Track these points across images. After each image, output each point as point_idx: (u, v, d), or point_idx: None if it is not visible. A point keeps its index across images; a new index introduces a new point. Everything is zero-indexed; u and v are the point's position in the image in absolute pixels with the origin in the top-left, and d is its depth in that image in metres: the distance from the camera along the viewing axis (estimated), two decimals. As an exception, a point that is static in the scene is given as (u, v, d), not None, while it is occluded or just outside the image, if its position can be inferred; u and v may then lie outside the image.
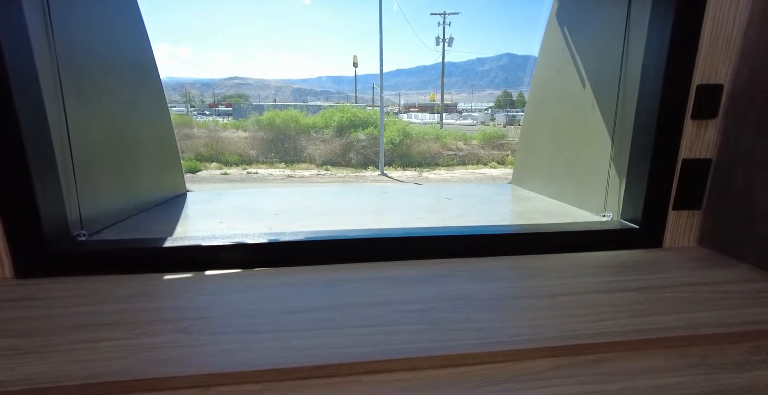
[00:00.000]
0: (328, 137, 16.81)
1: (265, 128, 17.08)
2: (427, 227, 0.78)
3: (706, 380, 0.41)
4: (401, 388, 0.38)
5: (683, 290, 0.58)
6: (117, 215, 0.83)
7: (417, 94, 59.92)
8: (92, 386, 0.38)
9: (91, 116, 0.76)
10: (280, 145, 16.79)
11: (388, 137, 16.00)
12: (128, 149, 0.90)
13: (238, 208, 1.04)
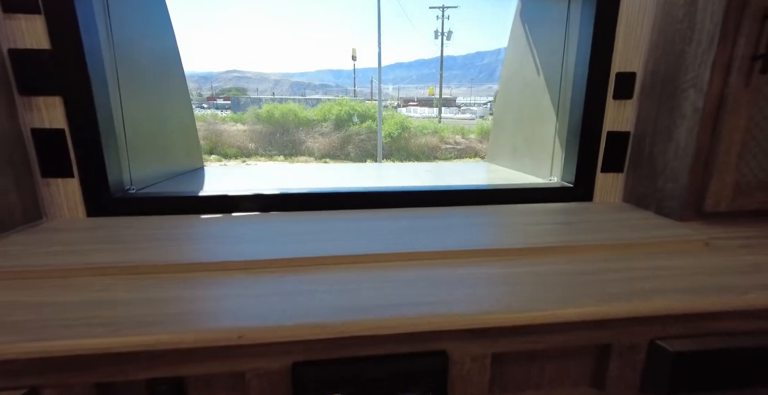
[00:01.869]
0: (326, 130, 16.94)
1: (263, 121, 17.19)
2: (407, 185, 0.97)
3: (584, 270, 0.60)
4: (368, 272, 0.57)
5: (597, 224, 0.78)
6: (155, 179, 1.02)
7: (416, 88, 60.31)
8: (170, 265, 0.57)
9: (136, 102, 0.95)
10: (279, 138, 16.92)
11: (387, 130, 16.14)
12: (161, 129, 1.09)
13: (250, 175, 1.23)
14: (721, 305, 0.51)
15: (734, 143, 0.76)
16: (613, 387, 0.53)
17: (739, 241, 0.72)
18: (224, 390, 0.48)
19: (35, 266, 0.57)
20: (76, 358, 0.43)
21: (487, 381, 0.50)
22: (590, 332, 0.50)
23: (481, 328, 0.47)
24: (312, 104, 23.35)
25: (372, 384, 0.47)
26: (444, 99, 45.01)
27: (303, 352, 0.46)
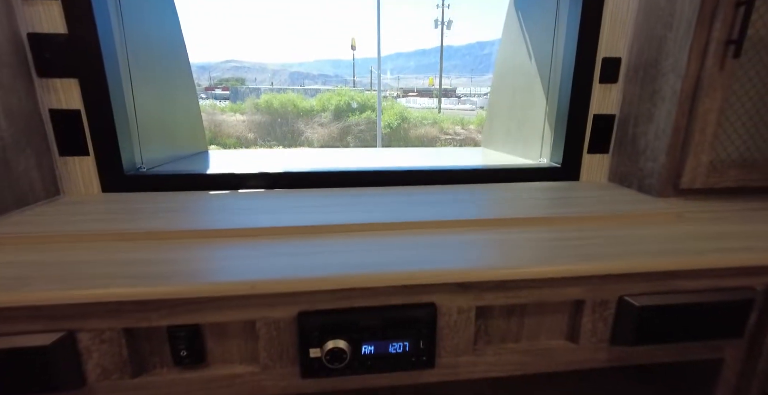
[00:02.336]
0: (325, 120, 16.90)
1: (262, 111, 17.14)
2: (404, 165, 1.02)
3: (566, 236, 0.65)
4: (367, 239, 0.63)
5: (580, 199, 0.83)
6: (162, 160, 1.07)
7: (415, 78, 60.04)
8: (184, 231, 0.63)
9: (145, 86, 0.99)
10: (278, 128, 16.88)
11: (386, 121, 16.11)
12: (168, 114, 1.13)
13: (253, 157, 1.28)
14: (681, 265, 0.56)
15: (709, 123, 0.81)
16: (585, 340, 0.59)
17: (710, 214, 0.77)
18: (236, 337, 0.54)
19: (60, 232, 0.63)
20: (107, 305, 0.48)
21: (472, 332, 0.56)
22: (565, 288, 0.56)
23: (466, 282, 0.53)
24: (311, 94, 23.23)
25: (368, 331, 0.52)
26: (444, 90, 44.72)
27: (307, 302, 0.52)
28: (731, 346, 0.63)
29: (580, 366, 0.60)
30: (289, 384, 0.54)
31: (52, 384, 0.48)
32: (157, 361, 0.53)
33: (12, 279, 0.49)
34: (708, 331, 0.60)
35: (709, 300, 0.58)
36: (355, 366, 0.53)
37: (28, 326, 0.48)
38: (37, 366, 0.47)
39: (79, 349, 0.49)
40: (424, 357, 0.55)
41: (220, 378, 0.54)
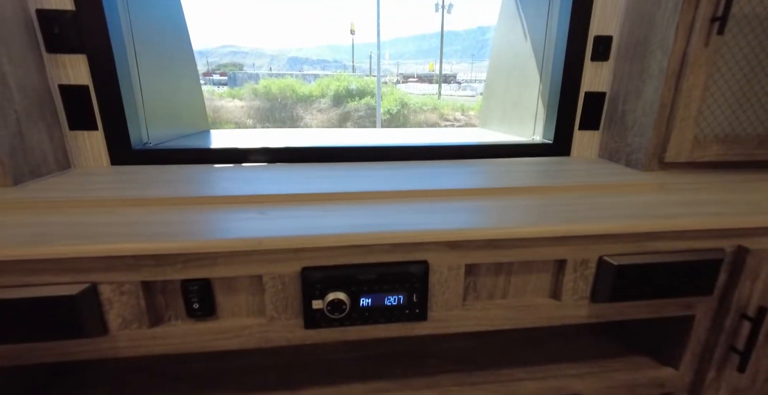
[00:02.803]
0: (324, 106, 16.78)
1: (261, 96, 16.98)
2: (402, 142, 1.06)
3: (557, 202, 0.69)
4: (366, 205, 0.67)
5: (569, 172, 0.87)
6: (167, 137, 1.10)
7: (416, 63, 59.31)
8: (192, 198, 0.67)
9: (150, 65, 1.02)
10: (277, 114, 16.76)
11: (386, 107, 16.00)
12: (172, 92, 1.16)
13: (255, 135, 1.32)
14: (656, 227, 0.61)
15: (694, 99, 0.85)
16: (568, 297, 0.64)
17: (691, 185, 0.82)
18: (244, 292, 0.58)
19: (77, 197, 0.67)
20: (126, 259, 0.53)
21: (461, 288, 0.61)
22: (549, 248, 0.61)
23: (456, 241, 0.57)
24: (309, 80, 22.97)
25: (366, 285, 0.57)
26: (444, 75, 44.18)
27: (310, 259, 0.56)
28: (702, 303, 0.68)
29: (562, 321, 0.65)
30: (293, 335, 0.59)
31: (79, 330, 0.53)
32: (172, 313, 0.58)
33: (37, 236, 0.53)
34: (681, 289, 0.65)
35: (682, 259, 0.63)
36: (354, 317, 0.58)
37: (56, 278, 0.52)
38: (65, 313, 0.52)
39: (101, 300, 0.54)
40: (417, 310, 0.59)
41: (230, 329, 0.58)
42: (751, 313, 0.66)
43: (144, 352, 0.57)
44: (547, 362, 0.77)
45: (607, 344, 0.82)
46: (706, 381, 0.72)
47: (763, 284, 0.65)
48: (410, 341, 0.82)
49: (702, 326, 0.70)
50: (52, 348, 0.55)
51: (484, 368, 0.75)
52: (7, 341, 0.53)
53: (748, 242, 0.64)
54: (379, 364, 0.75)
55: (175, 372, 0.73)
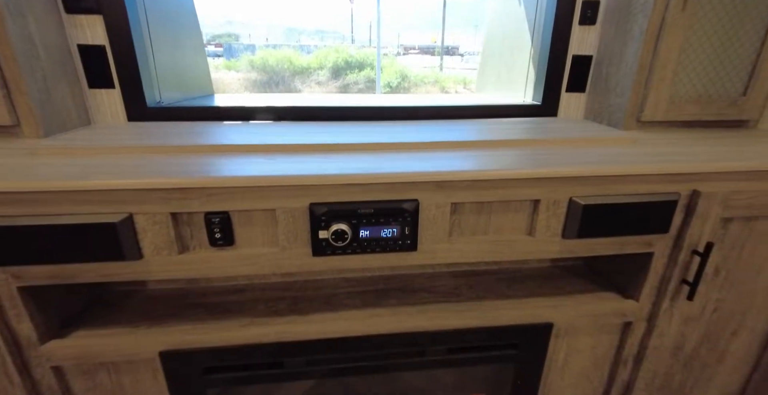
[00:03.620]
0: (323, 79, 16.50)
1: (258, 68, 16.66)
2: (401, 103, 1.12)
3: (537, 152, 0.77)
4: (365, 153, 0.75)
5: (553, 130, 0.95)
6: (177, 99, 1.17)
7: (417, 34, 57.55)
8: (207, 146, 0.75)
9: (160, 31, 1.06)
10: (275, 87, 16.51)
11: (386, 80, 15.74)
12: (180, 58, 1.21)
13: (259, 97, 1.38)
14: (619, 171, 0.69)
15: (670, 61, 0.91)
16: (541, 234, 0.73)
17: (662, 141, 0.89)
18: (259, 224, 0.67)
19: (105, 144, 0.74)
20: (157, 192, 0.61)
21: (447, 224, 0.70)
22: (525, 189, 0.69)
23: (443, 181, 0.66)
24: (308, 51, 22.43)
25: (365, 218, 0.66)
26: (446, 47, 43.04)
27: (316, 195, 0.65)
28: (660, 241, 0.77)
29: (536, 255, 0.75)
30: (302, 262, 0.69)
31: (120, 254, 0.62)
32: (197, 243, 0.67)
33: (81, 173, 0.61)
34: (641, 227, 0.74)
35: (642, 201, 0.72)
36: (355, 246, 0.67)
37: (99, 208, 0.61)
38: (108, 239, 0.61)
39: (137, 229, 0.63)
40: (408, 242, 0.69)
41: (247, 257, 0.68)
42: (701, 249, 0.76)
43: (173, 276, 0.67)
44: (525, 297, 0.87)
45: (580, 283, 0.92)
46: (661, 310, 0.83)
47: (711, 223, 0.75)
48: (404, 278, 0.92)
49: (660, 262, 0.79)
50: (96, 269, 0.64)
51: (469, 301, 0.85)
52: (60, 261, 0.62)
53: (701, 186, 0.73)
54: (376, 297, 0.86)
55: (196, 302, 0.84)
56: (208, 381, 0.76)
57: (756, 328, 0.90)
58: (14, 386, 0.69)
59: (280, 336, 0.75)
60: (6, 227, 0.59)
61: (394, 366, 0.80)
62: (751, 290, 0.85)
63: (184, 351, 0.73)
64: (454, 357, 0.81)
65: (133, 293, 0.86)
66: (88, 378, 0.75)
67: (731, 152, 0.79)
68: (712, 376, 0.95)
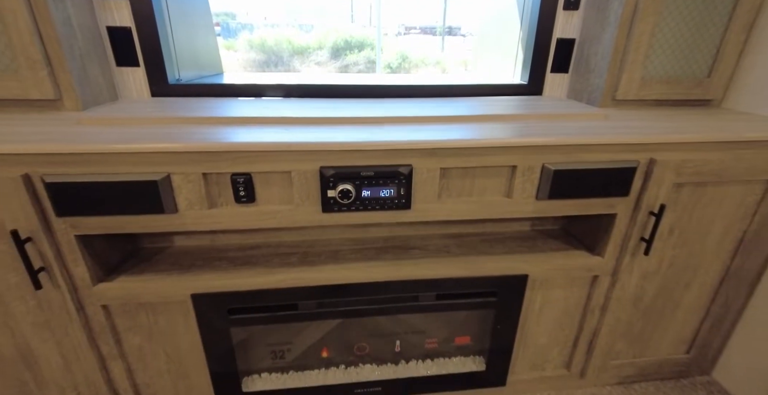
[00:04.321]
0: (322, 59, 16.33)
1: (256, 48, 16.47)
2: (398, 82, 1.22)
3: (519, 126, 0.88)
4: (368, 126, 0.85)
5: (536, 107, 1.05)
6: (193, 77, 1.26)
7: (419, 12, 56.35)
8: (227, 118, 0.86)
9: (178, 14, 1.15)
10: (273, 67, 16.36)
11: (386, 60, 15.58)
12: (194, 39, 1.30)
13: (267, 76, 1.47)
14: (585, 140, 0.80)
15: (642, 44, 1.01)
16: (518, 196, 0.85)
17: (632, 117, 1.00)
18: (277, 184, 0.79)
19: (138, 116, 0.85)
20: (191, 155, 0.72)
21: (437, 186, 0.82)
22: (503, 156, 0.80)
23: (433, 148, 0.77)
24: (307, 30, 22.04)
25: (366, 180, 0.77)
26: (448, 27, 42.22)
27: (325, 160, 0.76)
28: (621, 203, 0.89)
29: (513, 214, 0.87)
30: (313, 218, 0.81)
31: (160, 207, 0.74)
32: (224, 200, 0.79)
33: (124, 138, 0.73)
34: (604, 191, 0.86)
35: (605, 167, 0.83)
36: (357, 204, 0.79)
37: (143, 168, 0.72)
38: (150, 194, 0.73)
39: (174, 186, 0.75)
40: (403, 201, 0.80)
41: (267, 212, 0.80)
42: (656, 210, 0.88)
43: (203, 228, 0.79)
44: (505, 253, 1.00)
45: (555, 244, 1.04)
46: (623, 265, 0.95)
47: (666, 188, 0.86)
48: (400, 239, 1.05)
49: (622, 222, 0.91)
50: (140, 221, 0.76)
51: (455, 256, 0.98)
52: (109, 213, 0.74)
53: (657, 155, 0.84)
54: (375, 253, 0.98)
55: (218, 256, 0.96)
56: (232, 321, 0.89)
57: (705, 282, 1.03)
58: (72, 320, 0.82)
59: (293, 282, 0.88)
60: (65, 183, 0.71)
61: (391, 310, 0.94)
62: (700, 248, 0.97)
63: (211, 294, 0.86)
64: (442, 302, 0.94)
65: (163, 250, 0.99)
66: (129, 318, 0.88)
67: (688, 126, 0.90)
68: (668, 324, 1.08)
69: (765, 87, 1.02)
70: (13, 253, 0.74)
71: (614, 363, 1.12)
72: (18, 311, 0.81)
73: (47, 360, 0.87)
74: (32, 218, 0.72)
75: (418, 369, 1.05)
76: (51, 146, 0.69)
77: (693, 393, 1.15)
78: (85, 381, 0.90)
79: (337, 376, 1.03)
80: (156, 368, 0.95)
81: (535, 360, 1.10)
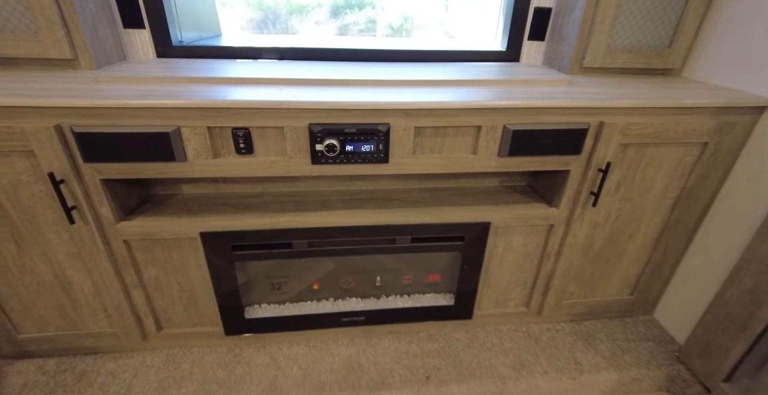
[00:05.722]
0: (321, 18, 15.80)
1: (253, 6, 15.89)
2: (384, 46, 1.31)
3: (497, 91, 0.99)
4: (353, 87, 0.96)
5: (510, 73, 1.15)
6: (194, 38, 1.34)
7: (422, -29, 52.99)
8: (230, 79, 0.96)
9: None
10: (271, 26, 15.86)
11: (387, 21, 15.09)
12: (194, 4, 1.36)
13: (263, 38, 1.55)
14: (541, 104, 0.91)
15: (608, 16, 1.10)
16: (482, 153, 0.97)
17: (593, 84, 1.10)
18: (272, 138, 0.91)
19: (148, 76, 0.96)
20: (198, 111, 0.84)
21: (412, 143, 0.94)
22: (470, 117, 0.92)
23: (408, 109, 0.89)
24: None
25: (349, 136, 0.89)
26: (452, -14, 40.23)
27: (313, 118, 0.88)
28: (574, 161, 1.02)
29: (478, 169, 0.99)
30: (304, 168, 0.94)
31: (171, 156, 0.87)
32: (226, 151, 0.91)
33: (137, 95, 0.84)
34: (559, 149, 0.98)
35: (559, 128, 0.95)
36: (342, 157, 0.92)
37: (156, 121, 0.84)
38: (163, 144, 0.85)
39: (183, 138, 0.87)
40: (382, 155, 0.93)
41: (263, 162, 0.92)
42: (603, 167, 1.01)
43: (209, 175, 0.92)
44: (473, 205, 1.14)
45: (519, 198, 1.18)
46: (575, 216, 1.10)
47: (613, 148, 0.99)
48: (382, 192, 1.18)
49: (574, 178, 1.05)
50: (154, 168, 0.89)
51: (429, 206, 1.12)
52: (128, 160, 0.87)
53: (606, 118, 0.96)
54: (360, 202, 1.12)
55: (222, 202, 1.10)
56: (235, 256, 1.05)
57: (647, 233, 1.18)
58: (100, 252, 0.97)
59: (288, 224, 1.02)
60: (91, 133, 0.83)
61: (372, 250, 1.09)
62: (643, 203, 1.11)
63: (217, 232, 1.01)
64: (416, 245, 1.10)
65: (173, 196, 1.12)
66: (147, 252, 1.03)
67: (640, 93, 1.01)
68: (614, 270, 1.25)
69: (719, 59, 1.12)
70: (50, 193, 0.88)
71: (567, 302, 1.29)
72: (55, 243, 0.95)
73: (80, 287, 1.03)
74: (64, 163, 0.85)
75: (396, 302, 1.23)
76: (78, 101, 0.80)
77: (633, 328, 1.34)
78: (113, 305, 1.07)
79: (326, 307, 1.20)
80: (170, 296, 1.11)
81: (498, 298, 1.27)
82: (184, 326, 1.17)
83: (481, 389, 1.13)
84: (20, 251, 0.95)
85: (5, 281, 0.99)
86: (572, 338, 1.30)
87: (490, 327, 1.32)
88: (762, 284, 0.95)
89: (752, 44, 1.03)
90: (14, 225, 0.92)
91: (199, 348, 1.20)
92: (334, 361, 1.18)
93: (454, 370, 1.17)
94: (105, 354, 1.17)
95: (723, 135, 1.01)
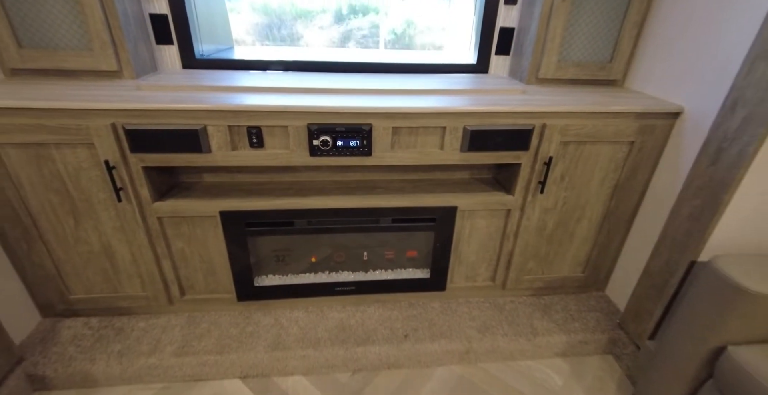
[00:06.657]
0: (326, 23, 16.11)
1: (259, 11, 16.23)
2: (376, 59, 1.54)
3: (468, 98, 1.22)
4: (345, 95, 1.20)
5: (477, 83, 1.38)
6: (212, 51, 1.58)
7: (426, -25, 54.03)
8: (247, 87, 1.20)
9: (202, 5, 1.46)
10: (276, 31, 16.19)
11: (391, 26, 15.36)
12: (213, 20, 1.60)
13: (270, 52, 1.79)
14: (493, 109, 1.14)
15: (557, 36, 1.33)
16: (447, 148, 1.20)
17: (544, 92, 1.33)
18: (278, 135, 1.14)
19: (179, 84, 1.20)
20: (220, 112, 1.07)
21: (390, 140, 1.17)
22: (437, 119, 1.15)
23: (387, 112, 1.12)
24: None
25: (340, 134, 1.13)
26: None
27: (311, 118, 1.11)
28: (524, 156, 1.24)
29: (444, 162, 1.22)
30: (303, 160, 1.17)
31: (199, 148, 1.10)
32: (242, 145, 1.15)
33: (172, 99, 1.07)
34: (510, 146, 1.21)
35: (510, 129, 1.18)
36: (334, 150, 1.15)
37: (187, 121, 1.08)
38: (192, 139, 1.08)
39: (208, 134, 1.10)
40: (366, 149, 1.16)
41: (271, 154, 1.16)
42: (547, 161, 1.23)
43: (228, 164, 1.15)
44: (444, 192, 1.36)
45: (484, 187, 1.41)
46: (527, 202, 1.32)
47: (555, 145, 1.21)
48: (369, 182, 1.41)
49: (525, 170, 1.27)
50: (184, 158, 1.13)
51: (408, 193, 1.34)
52: (165, 151, 1.10)
53: (548, 120, 1.19)
54: (350, 190, 1.35)
55: (236, 189, 1.33)
56: (248, 232, 1.28)
57: (592, 217, 1.40)
58: (139, 226, 1.21)
59: (290, 205, 1.25)
60: (137, 129, 1.06)
61: (360, 228, 1.32)
62: (586, 192, 1.34)
63: (233, 211, 1.24)
64: (396, 225, 1.33)
65: (196, 184, 1.36)
66: (175, 228, 1.27)
67: (578, 100, 1.24)
68: (567, 249, 1.47)
69: (651, 72, 1.35)
70: (104, 177, 1.11)
71: (527, 277, 1.51)
72: (104, 218, 1.19)
73: (121, 255, 1.27)
74: (116, 153, 1.08)
75: (381, 275, 1.45)
76: (129, 104, 1.04)
77: (586, 302, 1.56)
78: (146, 272, 1.30)
79: (322, 278, 1.43)
80: (193, 266, 1.34)
81: (467, 273, 1.49)
82: (203, 292, 1.40)
83: (451, 346, 1.35)
84: (77, 224, 1.19)
85: (64, 249, 1.23)
86: (531, 308, 1.52)
87: (462, 299, 1.55)
88: (674, 256, 1.17)
89: (674, 60, 1.25)
90: (74, 203, 1.15)
91: (216, 312, 1.44)
92: (328, 323, 1.41)
93: (429, 331, 1.40)
94: (137, 315, 1.40)
95: (646, 135, 1.23)
